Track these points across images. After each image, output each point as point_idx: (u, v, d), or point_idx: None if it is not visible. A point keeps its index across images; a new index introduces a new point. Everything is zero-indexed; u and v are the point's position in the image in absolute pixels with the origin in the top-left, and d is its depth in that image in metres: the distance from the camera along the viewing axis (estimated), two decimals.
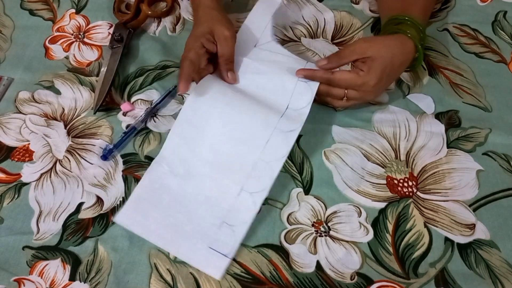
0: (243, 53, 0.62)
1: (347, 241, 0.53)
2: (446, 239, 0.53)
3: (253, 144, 0.55)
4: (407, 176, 0.57)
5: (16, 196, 0.57)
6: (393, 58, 0.56)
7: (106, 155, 0.59)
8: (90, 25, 0.74)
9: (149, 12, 0.72)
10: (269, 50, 0.63)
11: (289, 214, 0.55)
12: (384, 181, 0.57)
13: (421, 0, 0.62)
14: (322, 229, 0.54)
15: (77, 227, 0.55)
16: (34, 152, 0.61)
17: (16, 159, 0.60)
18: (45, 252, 0.53)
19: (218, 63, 0.60)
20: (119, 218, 0.53)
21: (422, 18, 0.60)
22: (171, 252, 0.52)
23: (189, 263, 0.51)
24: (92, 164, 0.59)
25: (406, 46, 0.57)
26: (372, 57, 0.55)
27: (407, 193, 0.56)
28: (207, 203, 0.54)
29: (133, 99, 0.65)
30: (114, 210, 0.56)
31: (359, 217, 0.55)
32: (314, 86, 0.58)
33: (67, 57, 0.70)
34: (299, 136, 0.60)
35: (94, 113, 0.63)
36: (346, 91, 0.57)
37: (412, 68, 0.63)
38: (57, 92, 0.66)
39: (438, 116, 0.62)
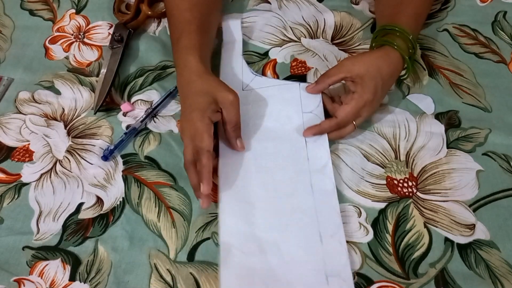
0: None
1: (347, 241, 0.53)
2: (446, 239, 0.53)
3: (301, 194, 0.54)
4: (407, 176, 0.57)
5: (16, 196, 0.57)
6: (381, 71, 0.56)
7: (107, 156, 0.59)
8: (90, 25, 0.74)
9: (149, 13, 0.72)
10: (258, 88, 0.63)
11: None
12: (384, 182, 0.57)
13: (411, 5, 0.62)
14: None
15: (77, 227, 0.55)
16: (34, 152, 0.61)
17: (16, 159, 0.60)
18: (45, 252, 0.53)
19: (225, 131, 0.56)
20: None
21: (412, 24, 0.60)
22: None
23: None
24: (92, 164, 0.59)
25: (391, 57, 0.57)
26: (359, 75, 0.56)
27: (407, 193, 0.56)
28: (299, 266, 0.50)
29: (133, 99, 0.65)
30: (114, 210, 0.56)
31: (359, 217, 0.55)
32: (320, 112, 0.59)
33: (67, 57, 0.70)
34: None
35: (95, 113, 0.63)
36: (354, 122, 0.58)
37: (403, 78, 0.63)
38: (57, 92, 0.66)
39: (438, 116, 0.62)
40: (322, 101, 0.60)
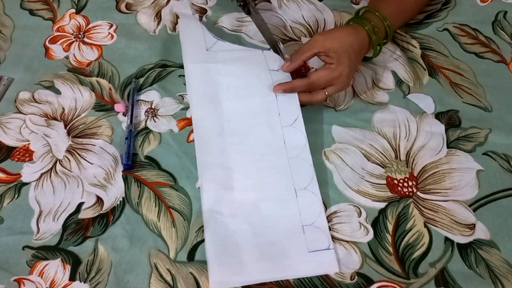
0: (202, 59, 0.63)
1: (347, 241, 0.53)
2: (446, 239, 0.53)
3: (275, 151, 0.57)
4: (407, 176, 0.57)
5: (16, 196, 0.57)
6: (352, 45, 0.59)
7: (129, 164, 0.58)
8: (90, 25, 0.74)
9: None
10: (222, 50, 0.65)
11: None
12: (384, 181, 0.57)
13: None
14: None
15: (77, 227, 0.55)
16: (34, 152, 0.61)
17: (16, 159, 0.60)
18: (45, 252, 0.53)
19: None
20: (215, 283, 0.50)
21: (390, 11, 0.62)
22: (283, 278, 0.50)
23: (305, 276, 0.50)
24: (92, 164, 0.59)
25: (359, 33, 0.60)
26: (333, 49, 0.57)
27: (407, 193, 0.56)
28: (276, 221, 0.53)
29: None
30: (114, 210, 0.56)
31: (359, 217, 0.55)
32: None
33: (67, 57, 0.70)
34: None
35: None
36: (326, 91, 0.59)
37: (367, 59, 0.65)
38: (57, 92, 0.66)
39: (438, 116, 0.62)
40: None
